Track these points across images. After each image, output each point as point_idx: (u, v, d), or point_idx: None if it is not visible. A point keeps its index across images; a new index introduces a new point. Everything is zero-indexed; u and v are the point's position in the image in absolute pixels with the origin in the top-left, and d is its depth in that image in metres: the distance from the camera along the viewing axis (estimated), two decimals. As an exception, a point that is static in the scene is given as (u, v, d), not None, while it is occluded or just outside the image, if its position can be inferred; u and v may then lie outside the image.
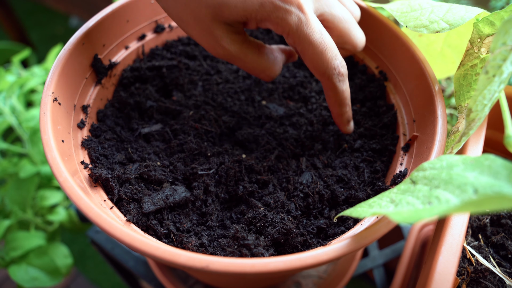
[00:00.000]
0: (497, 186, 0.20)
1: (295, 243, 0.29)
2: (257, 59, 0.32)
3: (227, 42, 0.30)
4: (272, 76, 0.33)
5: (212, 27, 0.29)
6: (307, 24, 0.28)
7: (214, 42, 0.29)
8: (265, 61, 0.32)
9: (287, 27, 0.28)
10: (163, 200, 0.31)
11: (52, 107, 0.30)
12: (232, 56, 0.31)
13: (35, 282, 0.57)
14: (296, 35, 0.29)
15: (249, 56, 0.31)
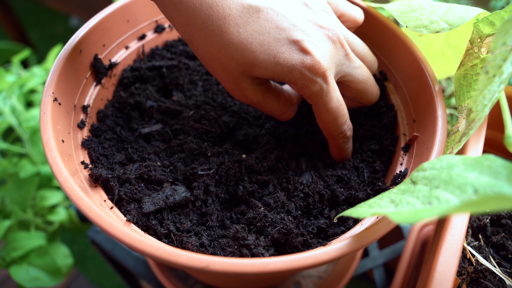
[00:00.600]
0: (497, 186, 0.20)
1: (295, 243, 0.29)
2: (276, 105, 0.33)
3: (250, 93, 0.31)
4: (290, 117, 0.35)
5: (239, 79, 0.30)
6: (327, 93, 0.30)
7: (238, 91, 0.31)
8: (283, 107, 0.34)
9: (309, 93, 0.30)
10: (163, 200, 0.31)
11: (52, 107, 0.30)
12: (254, 103, 0.32)
13: (36, 282, 0.58)
14: (315, 101, 0.31)
15: (269, 104, 0.33)
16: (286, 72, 0.29)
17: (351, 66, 0.32)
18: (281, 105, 0.34)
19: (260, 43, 0.28)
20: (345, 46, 0.31)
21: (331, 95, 0.30)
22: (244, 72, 0.29)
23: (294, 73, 0.29)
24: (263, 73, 0.29)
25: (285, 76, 0.29)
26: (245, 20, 0.28)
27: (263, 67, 0.28)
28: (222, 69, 0.30)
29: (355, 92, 0.34)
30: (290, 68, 0.28)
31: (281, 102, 0.34)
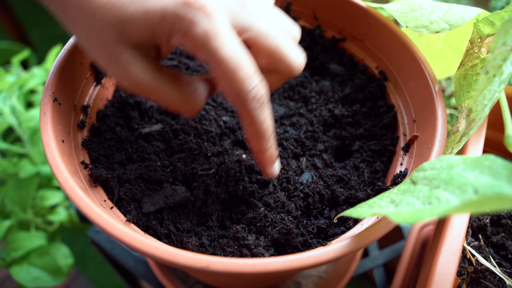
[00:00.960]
0: (497, 186, 0.20)
1: (295, 243, 0.29)
2: (173, 90, 0.27)
3: (136, 70, 0.25)
4: (194, 111, 0.28)
5: (119, 51, 0.25)
6: (216, 36, 0.24)
7: (122, 69, 0.25)
8: (183, 93, 0.27)
9: (193, 40, 0.24)
10: (163, 200, 0.31)
11: (52, 107, 0.30)
12: (143, 87, 0.26)
13: (37, 282, 0.58)
14: (204, 49, 0.24)
15: (164, 87, 0.27)
16: (159, 20, 0.24)
17: (251, 18, 0.26)
18: (179, 89, 0.27)
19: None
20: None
21: (223, 39, 0.24)
22: (120, 37, 0.24)
23: (167, 17, 0.23)
24: (137, 29, 0.24)
25: (161, 26, 0.24)
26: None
27: (133, 21, 0.24)
28: (98, 42, 0.25)
29: (267, 54, 0.27)
30: (161, 12, 0.23)
31: (180, 86, 0.27)
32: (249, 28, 0.26)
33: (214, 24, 0.24)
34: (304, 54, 0.29)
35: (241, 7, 0.26)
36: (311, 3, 0.44)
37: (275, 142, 0.29)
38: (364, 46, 0.43)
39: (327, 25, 0.45)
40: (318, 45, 0.45)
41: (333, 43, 0.45)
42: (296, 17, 0.46)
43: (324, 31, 0.45)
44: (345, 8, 0.42)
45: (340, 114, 0.39)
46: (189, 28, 0.23)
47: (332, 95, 0.42)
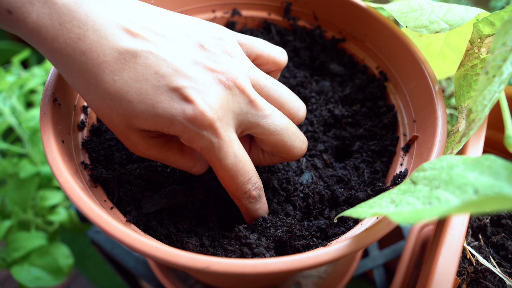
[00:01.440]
0: (497, 187, 0.20)
1: (296, 243, 0.29)
2: (180, 160, 0.29)
3: (144, 148, 0.28)
4: (202, 171, 0.31)
5: (127, 132, 0.27)
6: (220, 149, 0.26)
7: (132, 146, 0.28)
8: (189, 161, 0.30)
9: (199, 148, 0.26)
10: (164, 201, 0.31)
11: (52, 107, 0.30)
12: (154, 158, 0.29)
13: (38, 281, 0.58)
14: (208, 157, 0.27)
15: (171, 158, 0.29)
16: (168, 124, 0.25)
17: (258, 115, 0.28)
18: (187, 159, 0.30)
19: (137, 92, 0.25)
20: (246, 91, 0.27)
21: (225, 150, 0.26)
22: (128, 125, 0.26)
23: (176, 125, 0.25)
24: (144, 125, 0.26)
25: (169, 128, 0.25)
26: (121, 67, 0.25)
27: (143, 119, 0.25)
28: (107, 120, 0.27)
29: (271, 146, 0.30)
30: (170, 120, 0.25)
31: (187, 156, 0.30)
32: (255, 125, 0.28)
33: (218, 138, 0.26)
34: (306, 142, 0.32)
35: (249, 105, 0.27)
36: (311, 3, 0.44)
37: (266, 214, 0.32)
38: (364, 46, 0.43)
39: (327, 25, 0.45)
40: (318, 45, 0.45)
41: (333, 43, 0.45)
42: (296, 17, 0.46)
43: (324, 31, 0.45)
44: (345, 8, 0.42)
45: (340, 114, 0.39)
46: (195, 140, 0.26)
47: (332, 95, 0.42)
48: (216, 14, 0.46)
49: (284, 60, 0.33)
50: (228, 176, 0.27)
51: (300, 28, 0.46)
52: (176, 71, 0.25)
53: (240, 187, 0.28)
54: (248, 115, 0.27)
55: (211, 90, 0.25)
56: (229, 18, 0.46)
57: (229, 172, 0.27)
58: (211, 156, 0.26)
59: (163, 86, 0.25)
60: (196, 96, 0.25)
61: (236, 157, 0.27)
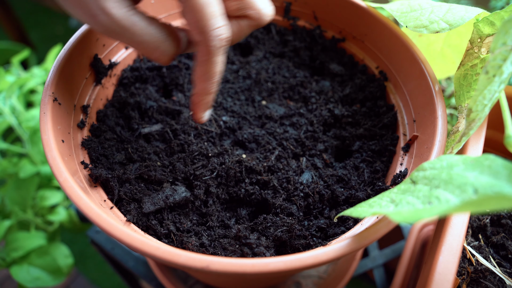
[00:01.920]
0: (497, 186, 0.20)
1: (296, 243, 0.29)
2: (147, 30, 0.27)
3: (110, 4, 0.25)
4: (167, 56, 0.28)
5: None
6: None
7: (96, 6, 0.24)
8: (156, 35, 0.27)
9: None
10: (163, 200, 0.31)
11: (52, 107, 0.30)
12: (116, 25, 0.25)
13: (37, 282, 0.58)
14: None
15: (137, 26, 0.26)
16: None
17: None
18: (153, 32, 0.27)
19: None
20: None
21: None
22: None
23: None
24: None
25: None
26: None
27: None
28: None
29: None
30: None
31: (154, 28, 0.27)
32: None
33: None
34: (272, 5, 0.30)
35: None
36: (311, 3, 0.44)
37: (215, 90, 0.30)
38: (364, 46, 0.43)
39: (327, 25, 0.45)
40: (318, 45, 0.45)
41: (333, 43, 0.45)
42: (296, 17, 0.46)
43: (324, 31, 0.45)
44: (345, 8, 0.42)
45: (340, 114, 0.39)
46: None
47: (332, 95, 0.42)
48: (216, 14, 0.46)
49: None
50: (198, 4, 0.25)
51: (300, 28, 0.46)
52: None
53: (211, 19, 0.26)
54: None
55: None
56: (229, 18, 0.46)
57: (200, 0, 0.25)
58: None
59: None
60: None
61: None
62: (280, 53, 0.46)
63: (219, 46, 0.27)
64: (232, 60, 0.45)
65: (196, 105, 0.31)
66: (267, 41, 0.46)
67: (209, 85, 0.29)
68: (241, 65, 0.45)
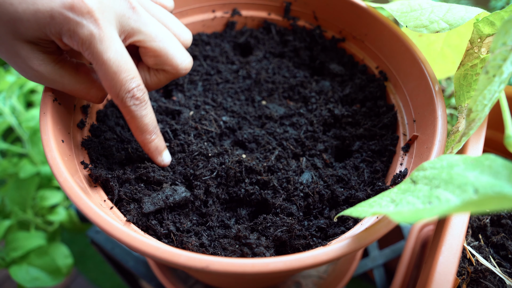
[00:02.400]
0: (497, 186, 0.20)
1: (296, 243, 0.29)
2: (75, 81, 0.29)
3: (36, 63, 0.27)
4: (99, 98, 0.31)
5: (16, 47, 0.26)
6: (101, 40, 0.26)
7: (22, 63, 0.27)
8: (84, 83, 0.29)
9: (79, 41, 0.26)
10: (163, 200, 0.31)
11: (52, 107, 0.30)
12: (46, 79, 0.28)
13: (36, 282, 0.58)
14: (89, 51, 0.26)
15: (65, 78, 0.28)
16: (48, 19, 0.25)
17: (140, 22, 0.28)
18: (81, 79, 0.29)
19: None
20: None
21: (107, 44, 0.26)
22: (14, 34, 0.25)
23: (55, 18, 0.25)
24: (29, 28, 0.25)
25: (50, 26, 0.25)
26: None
27: (24, 19, 0.25)
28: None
29: (154, 55, 0.30)
30: (50, 13, 0.25)
31: (81, 76, 0.29)
32: (137, 31, 0.28)
33: (99, 29, 0.25)
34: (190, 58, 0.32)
35: (131, 10, 0.28)
36: (311, 3, 0.44)
37: (160, 135, 0.32)
38: (364, 46, 0.43)
39: (327, 25, 0.45)
40: (318, 45, 0.45)
41: (333, 43, 0.45)
42: (296, 17, 0.46)
43: (324, 31, 0.45)
44: (345, 8, 0.42)
45: (340, 114, 0.39)
46: (75, 30, 0.25)
47: (332, 95, 0.42)
48: (216, 14, 0.46)
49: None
50: (111, 72, 0.27)
51: (300, 28, 0.46)
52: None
53: (124, 84, 0.27)
54: (130, 20, 0.28)
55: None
56: (229, 18, 0.46)
57: (112, 67, 0.26)
58: (92, 49, 0.26)
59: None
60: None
61: (118, 52, 0.27)
62: (280, 53, 0.46)
63: (138, 104, 0.29)
64: (232, 60, 0.45)
65: (148, 154, 0.33)
66: (267, 41, 0.46)
67: (146, 136, 0.31)
68: (241, 65, 0.45)
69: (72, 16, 0.25)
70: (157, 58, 0.30)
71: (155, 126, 0.31)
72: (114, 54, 0.26)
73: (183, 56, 0.31)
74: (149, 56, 0.30)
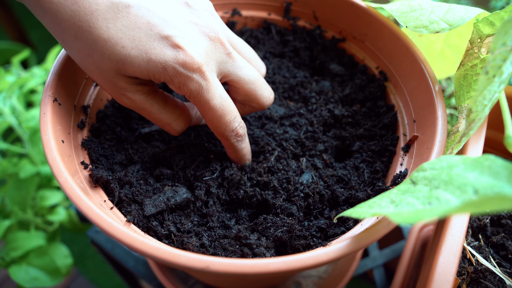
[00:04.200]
0: (497, 187, 0.20)
1: (296, 243, 0.29)
2: (162, 112, 0.32)
3: (131, 93, 0.29)
4: (177, 131, 0.33)
5: (116, 79, 0.28)
6: (208, 90, 0.29)
7: (118, 92, 0.29)
8: (171, 113, 0.32)
9: (188, 92, 0.29)
10: (165, 203, 0.31)
11: (52, 108, 0.30)
12: (137, 106, 0.30)
13: (35, 282, 0.57)
14: (197, 100, 0.29)
15: (154, 107, 0.31)
16: (160, 70, 0.27)
17: (235, 66, 0.31)
18: (169, 111, 0.32)
19: (130, 38, 0.27)
20: (225, 44, 0.30)
21: (212, 92, 0.29)
22: (118, 70, 0.28)
23: (168, 70, 0.27)
24: (137, 71, 0.27)
25: (160, 74, 0.28)
26: (114, 15, 0.26)
27: (135, 64, 0.27)
28: (96, 68, 0.28)
29: (244, 94, 0.33)
30: (163, 65, 0.27)
31: (169, 108, 0.32)
32: (233, 74, 0.32)
33: (206, 81, 0.29)
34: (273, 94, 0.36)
35: (228, 56, 0.31)
36: (311, 3, 0.44)
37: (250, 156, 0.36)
38: (364, 46, 0.43)
39: (327, 25, 0.45)
40: (318, 45, 0.45)
41: (333, 43, 0.45)
42: (296, 17, 0.46)
43: (324, 31, 0.45)
44: (345, 8, 0.42)
45: (340, 114, 0.39)
46: (185, 83, 0.28)
47: (332, 95, 0.42)
48: (216, 14, 0.46)
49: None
50: (217, 116, 0.30)
51: (300, 28, 0.46)
52: (165, 21, 0.28)
53: (228, 125, 0.31)
54: (227, 65, 0.31)
55: (198, 40, 0.29)
56: (229, 18, 0.46)
57: (218, 112, 0.30)
58: (200, 98, 0.29)
59: (155, 34, 0.27)
60: (185, 43, 0.28)
61: (222, 97, 0.30)
62: (280, 53, 0.46)
63: (239, 140, 0.33)
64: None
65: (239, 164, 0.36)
66: (267, 41, 0.46)
67: (242, 162, 0.35)
68: (241, 65, 0.45)
69: (183, 71, 0.28)
70: (247, 97, 0.34)
71: (250, 153, 0.35)
72: (219, 100, 0.30)
73: (268, 93, 0.35)
74: (239, 94, 0.33)
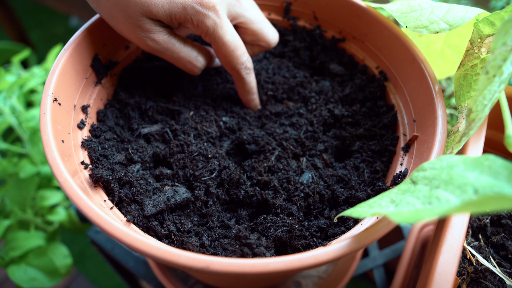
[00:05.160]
0: (497, 186, 0.20)
1: (296, 243, 0.29)
2: (183, 50, 0.35)
3: (155, 33, 0.33)
4: (196, 69, 0.37)
5: (143, 21, 0.32)
6: (221, 27, 0.33)
7: (143, 36, 0.33)
8: (190, 53, 0.36)
9: (205, 29, 0.33)
10: (165, 202, 0.31)
11: (52, 107, 0.30)
12: (161, 47, 0.34)
13: (33, 282, 0.57)
14: (212, 36, 0.34)
15: (176, 46, 0.35)
16: (181, 9, 0.32)
17: (242, 8, 0.36)
18: (188, 48, 0.36)
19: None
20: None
21: (226, 28, 0.34)
22: (144, 13, 0.32)
23: (187, 9, 0.32)
24: (160, 11, 0.32)
25: (181, 14, 0.32)
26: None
27: (159, 5, 0.31)
28: (123, 14, 0.32)
29: (252, 34, 0.38)
30: (183, 5, 0.32)
31: (189, 45, 0.36)
32: (241, 15, 0.37)
33: (220, 18, 0.33)
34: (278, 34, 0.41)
35: (236, 1, 0.36)
36: (311, 3, 0.44)
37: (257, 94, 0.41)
38: (364, 46, 0.43)
39: (327, 25, 0.45)
40: (318, 45, 0.45)
41: (333, 43, 0.45)
42: (296, 17, 0.46)
43: (324, 31, 0.45)
44: (345, 8, 0.42)
45: (340, 114, 0.39)
46: (203, 20, 0.33)
47: (332, 95, 0.42)
48: (216, 14, 0.46)
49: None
50: (230, 50, 0.35)
51: (300, 28, 0.46)
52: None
53: (239, 59, 0.36)
54: (235, 7, 0.36)
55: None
56: (229, 18, 0.46)
57: (230, 46, 0.35)
58: (215, 35, 0.34)
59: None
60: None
61: (233, 34, 0.35)
62: (280, 53, 0.46)
63: (248, 72, 0.38)
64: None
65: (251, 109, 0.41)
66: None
67: (251, 96, 0.40)
68: (241, 65, 0.45)
69: (201, 9, 0.32)
70: (255, 36, 0.38)
71: (256, 87, 0.40)
72: (231, 36, 0.34)
73: (274, 33, 0.40)
74: (248, 35, 0.38)
